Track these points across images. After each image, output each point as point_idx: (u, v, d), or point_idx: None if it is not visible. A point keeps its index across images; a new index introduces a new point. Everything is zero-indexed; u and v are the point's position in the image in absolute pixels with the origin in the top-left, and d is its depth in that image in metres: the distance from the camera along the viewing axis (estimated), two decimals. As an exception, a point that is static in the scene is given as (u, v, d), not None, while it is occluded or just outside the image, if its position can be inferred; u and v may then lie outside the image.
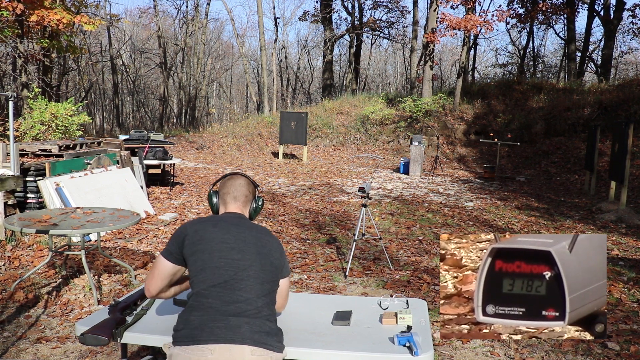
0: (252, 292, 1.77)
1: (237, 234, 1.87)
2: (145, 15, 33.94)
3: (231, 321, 1.69)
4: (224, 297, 1.73)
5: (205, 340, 1.65)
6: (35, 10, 12.02)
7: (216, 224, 1.90)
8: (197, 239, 1.83)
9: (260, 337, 1.69)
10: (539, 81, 19.50)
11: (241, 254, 1.82)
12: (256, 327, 1.71)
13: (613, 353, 3.09)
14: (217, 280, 1.76)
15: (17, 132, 8.62)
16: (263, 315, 1.76)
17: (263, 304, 1.79)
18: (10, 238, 4.81)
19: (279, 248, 1.95)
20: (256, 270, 1.81)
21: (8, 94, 4.86)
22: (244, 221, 1.97)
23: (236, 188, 2.06)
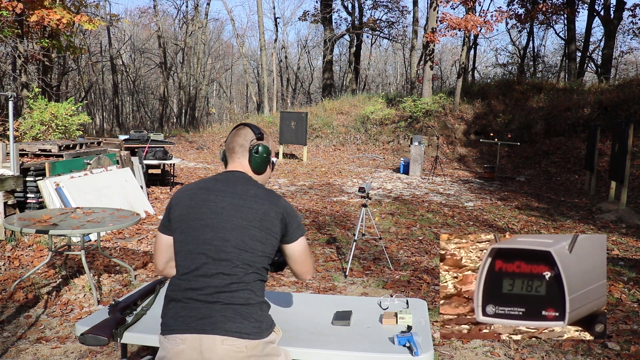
0: (226, 275, 1.63)
1: (215, 205, 1.70)
2: (145, 15, 33.97)
3: (202, 309, 1.60)
4: (195, 283, 1.64)
5: (177, 330, 1.60)
6: (35, 10, 12.02)
7: (196, 193, 1.75)
8: (176, 215, 1.74)
9: (233, 326, 1.59)
10: (539, 81, 19.50)
11: (215, 231, 1.67)
12: (230, 313, 1.60)
13: (613, 353, 3.09)
14: (189, 265, 1.67)
15: (17, 132, 8.62)
16: (239, 299, 1.63)
17: (240, 287, 1.64)
18: (10, 238, 4.81)
19: (275, 211, 1.71)
20: (234, 246, 1.65)
21: (8, 94, 4.86)
22: (233, 183, 1.77)
23: (232, 139, 1.87)
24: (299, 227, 1.79)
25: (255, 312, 1.65)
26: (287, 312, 2.28)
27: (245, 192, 1.73)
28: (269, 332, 1.68)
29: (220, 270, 1.64)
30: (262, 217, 1.69)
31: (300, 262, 1.82)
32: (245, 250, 1.66)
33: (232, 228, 1.67)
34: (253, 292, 1.67)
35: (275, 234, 1.72)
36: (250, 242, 1.67)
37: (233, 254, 1.66)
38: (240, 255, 1.66)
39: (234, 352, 1.58)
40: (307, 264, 1.85)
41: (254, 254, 1.67)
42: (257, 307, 1.67)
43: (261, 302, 1.70)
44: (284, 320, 2.16)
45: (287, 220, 1.75)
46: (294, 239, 1.78)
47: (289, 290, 4.17)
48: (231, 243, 1.66)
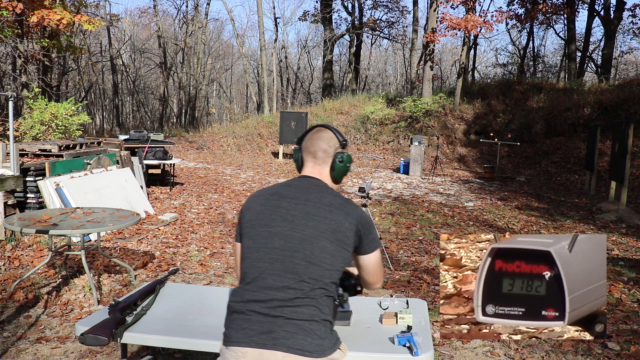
0: (291, 289, 1.56)
1: (287, 212, 1.63)
2: (145, 15, 33.97)
3: (264, 323, 1.55)
4: (259, 295, 1.58)
5: (238, 342, 1.56)
6: (35, 10, 12.03)
7: (267, 199, 1.68)
8: (246, 221, 1.68)
9: (295, 342, 1.52)
10: (539, 81, 19.50)
11: (284, 240, 1.60)
12: (292, 329, 1.54)
13: (613, 353, 3.09)
14: (254, 274, 1.61)
15: (17, 132, 8.62)
16: (303, 314, 1.55)
17: (305, 302, 1.56)
18: (10, 238, 4.81)
19: (349, 222, 1.62)
20: (302, 258, 1.58)
21: (8, 94, 4.87)
22: (308, 190, 1.68)
23: (314, 142, 1.75)
24: (374, 239, 1.71)
25: (319, 328, 1.57)
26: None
27: (319, 200, 1.65)
28: (332, 350, 1.60)
29: (286, 284, 1.58)
30: (335, 228, 1.61)
31: (372, 274, 1.78)
32: (313, 263, 1.59)
33: (302, 238, 1.60)
34: (318, 309, 1.59)
35: (348, 247, 1.64)
36: (320, 254, 1.59)
37: (301, 266, 1.58)
38: (308, 268, 1.58)
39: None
40: (378, 275, 1.80)
41: (322, 267, 1.59)
42: (322, 324, 1.59)
43: (326, 320, 1.61)
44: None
45: (361, 232, 1.66)
46: (369, 251, 1.70)
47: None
48: (300, 254, 1.59)
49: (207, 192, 8.99)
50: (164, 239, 5.57)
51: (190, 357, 2.92)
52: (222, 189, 9.50)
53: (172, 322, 2.13)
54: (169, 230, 6.00)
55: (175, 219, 6.63)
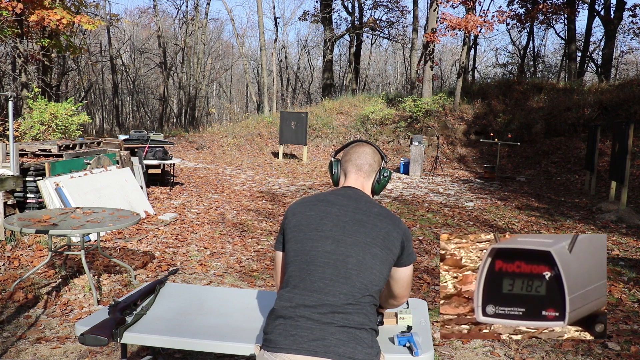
0: (343, 295, 1.55)
1: (337, 218, 1.63)
2: (145, 15, 33.98)
3: (315, 330, 1.52)
4: (308, 299, 1.55)
5: (286, 349, 1.51)
6: (35, 10, 12.03)
7: (316, 204, 1.68)
8: (292, 225, 1.67)
9: (346, 350, 1.50)
10: (539, 81, 19.50)
11: (336, 244, 1.59)
12: (344, 337, 1.51)
13: (613, 353, 3.09)
14: (304, 278, 1.58)
15: (17, 132, 8.62)
16: (354, 322, 1.54)
17: (356, 309, 1.55)
18: (9, 238, 4.81)
19: (397, 232, 1.66)
20: (354, 264, 1.57)
21: (8, 94, 4.86)
22: (356, 199, 1.71)
23: (360, 155, 1.81)
24: (412, 252, 1.76)
25: (367, 337, 1.57)
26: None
27: (368, 209, 1.68)
28: (377, 358, 1.61)
29: (338, 289, 1.56)
30: (385, 235, 1.64)
31: (405, 286, 1.82)
32: (365, 269, 1.59)
33: (354, 243, 1.60)
34: (367, 317, 1.59)
35: (394, 255, 1.67)
36: (372, 260, 1.60)
37: (353, 271, 1.57)
38: (360, 273, 1.58)
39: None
40: (408, 288, 1.86)
41: (373, 274, 1.60)
42: (370, 333, 1.58)
43: (373, 329, 1.62)
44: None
45: (405, 244, 1.70)
46: (407, 263, 1.74)
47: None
48: (353, 259, 1.58)
49: (207, 192, 8.99)
50: (164, 239, 5.57)
51: (190, 357, 2.91)
52: (222, 189, 9.50)
53: (172, 322, 2.13)
54: (169, 230, 6.00)
55: (175, 219, 6.63)
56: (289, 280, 1.63)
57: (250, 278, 4.44)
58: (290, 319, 1.56)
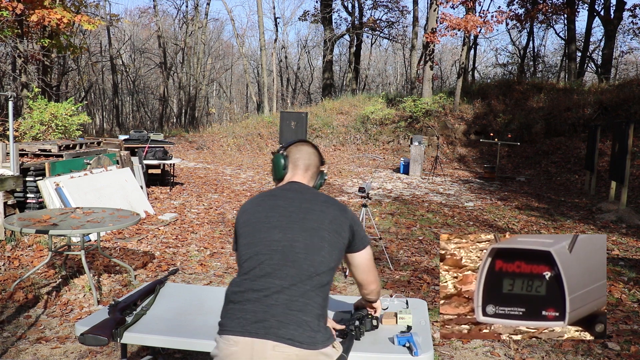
0: (289, 277, 1.60)
1: (284, 209, 1.70)
2: (145, 15, 33.97)
3: (258, 313, 1.58)
4: (256, 284, 1.61)
5: (232, 331, 1.59)
6: (35, 9, 12.03)
7: (263, 200, 1.76)
8: (242, 222, 1.75)
9: (286, 332, 1.55)
10: (539, 81, 19.50)
11: (283, 232, 1.65)
12: (285, 319, 1.56)
13: (613, 353, 3.09)
14: (253, 266, 1.64)
15: (17, 132, 8.62)
16: (298, 305, 1.58)
17: (301, 292, 1.60)
18: (10, 238, 4.81)
19: (345, 217, 1.73)
20: (302, 248, 1.63)
21: (8, 94, 4.86)
22: (301, 192, 1.78)
23: (310, 157, 1.90)
24: (364, 236, 1.82)
25: (312, 321, 1.60)
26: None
27: (315, 198, 1.76)
28: (324, 345, 1.61)
29: (285, 272, 1.61)
30: (332, 220, 1.70)
31: (367, 271, 1.86)
32: (313, 251, 1.64)
33: (301, 229, 1.66)
34: (313, 300, 1.62)
35: (344, 239, 1.72)
36: (320, 243, 1.65)
37: (301, 254, 1.63)
38: (308, 256, 1.63)
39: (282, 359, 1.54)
40: (373, 273, 1.89)
41: (321, 255, 1.65)
42: (315, 317, 1.61)
43: (320, 313, 1.64)
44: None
45: (354, 229, 1.76)
46: (361, 247, 1.80)
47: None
48: (300, 244, 1.64)
49: (207, 192, 8.99)
50: (163, 239, 5.57)
51: (190, 357, 2.91)
52: (222, 189, 9.50)
53: (172, 322, 2.13)
54: (168, 230, 6.00)
55: (175, 219, 6.63)
56: (241, 270, 1.70)
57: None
58: (239, 303, 1.62)
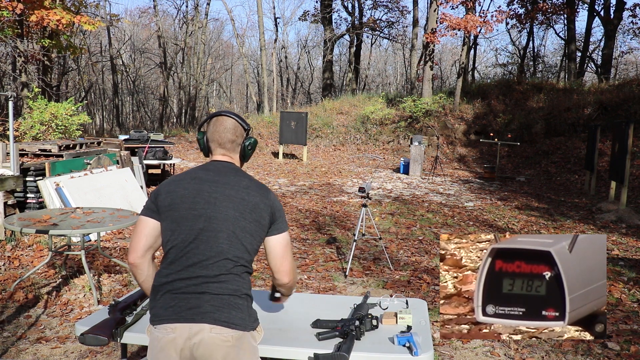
0: (216, 267, 1.65)
1: (208, 195, 1.70)
2: (145, 15, 33.96)
3: (191, 300, 1.62)
4: (184, 274, 1.65)
5: (167, 320, 1.62)
6: (35, 10, 12.02)
7: (189, 182, 1.74)
8: (167, 204, 1.72)
9: (221, 315, 1.62)
10: (539, 81, 19.49)
11: (208, 221, 1.67)
12: (218, 303, 1.63)
13: (613, 353, 3.09)
14: (179, 255, 1.67)
15: (17, 132, 8.62)
16: (228, 290, 1.65)
17: (229, 278, 1.66)
18: (10, 238, 4.81)
19: (265, 204, 1.74)
20: (225, 238, 1.67)
21: (8, 94, 4.87)
22: (225, 174, 1.77)
23: (220, 134, 1.83)
24: (282, 223, 1.81)
25: (242, 303, 1.68)
26: (287, 312, 2.28)
27: (237, 183, 1.75)
28: (253, 326, 1.71)
29: (211, 262, 1.66)
30: (252, 208, 1.72)
31: (279, 258, 1.80)
32: (236, 242, 1.68)
33: (224, 218, 1.69)
34: (241, 284, 1.70)
35: (264, 227, 1.75)
36: (241, 233, 1.69)
37: (224, 245, 1.67)
38: (231, 247, 1.68)
39: (221, 341, 1.61)
40: (287, 262, 1.83)
41: (244, 245, 1.70)
42: (244, 299, 1.70)
43: (247, 295, 1.72)
44: (284, 320, 2.16)
45: (275, 215, 1.77)
46: (275, 232, 1.78)
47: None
48: (223, 234, 1.67)
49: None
50: (164, 239, 5.57)
51: (190, 357, 2.91)
52: (222, 189, 9.49)
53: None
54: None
55: (175, 219, 6.61)
56: (167, 258, 1.71)
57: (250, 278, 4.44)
58: (169, 292, 1.65)
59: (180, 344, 1.60)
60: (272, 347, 1.92)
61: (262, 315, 2.17)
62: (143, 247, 1.75)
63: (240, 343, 1.64)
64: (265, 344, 1.91)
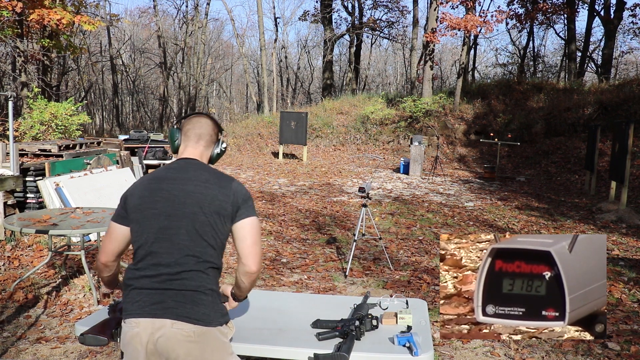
0: (178, 265, 1.66)
1: (168, 193, 1.72)
2: (145, 15, 33.96)
3: (155, 295, 1.66)
4: (149, 271, 1.68)
5: (133, 314, 1.67)
6: (35, 9, 12.03)
7: (150, 183, 1.76)
8: (132, 206, 1.75)
9: (183, 311, 1.63)
10: (539, 81, 19.49)
11: (169, 219, 1.69)
12: (181, 299, 1.65)
13: (613, 353, 3.09)
14: (145, 255, 1.71)
15: (17, 132, 8.62)
16: (190, 285, 1.66)
17: (191, 275, 1.66)
18: (9, 238, 4.81)
19: (224, 194, 1.72)
20: (185, 234, 1.68)
21: (8, 94, 4.87)
22: (186, 170, 1.77)
23: (202, 126, 1.86)
24: (249, 208, 1.76)
25: (206, 299, 1.68)
26: (287, 312, 2.28)
27: (197, 178, 1.74)
28: (219, 322, 1.70)
29: (173, 259, 1.68)
30: (211, 201, 1.70)
31: (247, 240, 1.74)
32: (197, 237, 1.68)
33: (184, 215, 1.69)
34: (204, 280, 1.69)
35: (227, 217, 1.72)
36: (202, 228, 1.68)
37: (186, 241, 1.68)
38: (192, 242, 1.68)
39: (182, 336, 1.62)
40: (256, 247, 1.75)
41: (205, 240, 1.69)
42: (209, 295, 1.69)
43: (213, 290, 1.71)
44: (284, 320, 2.16)
45: (238, 202, 1.73)
46: (242, 217, 1.74)
47: (288, 291, 4.17)
48: (183, 230, 1.68)
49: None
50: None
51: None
52: (222, 189, 9.49)
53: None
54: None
55: (175, 219, 6.62)
56: (136, 257, 1.75)
57: (250, 278, 4.44)
58: (136, 288, 1.70)
59: (145, 338, 1.64)
60: (272, 347, 1.92)
61: (262, 315, 2.18)
62: (113, 250, 1.81)
63: (205, 339, 1.65)
64: (265, 344, 1.91)
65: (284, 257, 5.18)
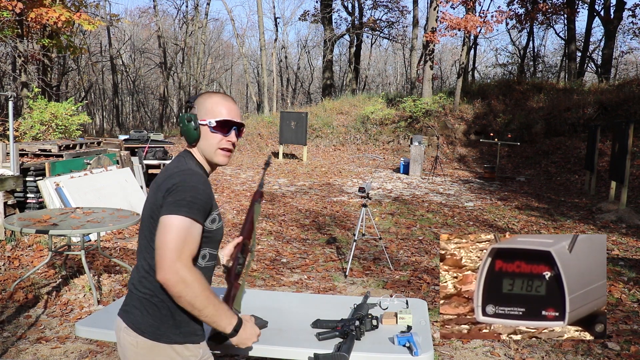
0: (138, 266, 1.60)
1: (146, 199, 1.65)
2: (145, 15, 33.98)
3: (126, 297, 1.65)
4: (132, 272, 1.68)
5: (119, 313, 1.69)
6: (34, 8, 12.03)
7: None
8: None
9: (132, 317, 1.56)
10: (539, 81, 19.50)
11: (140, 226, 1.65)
12: (137, 303, 1.56)
13: (613, 353, 3.09)
14: None
15: (17, 132, 8.62)
16: (142, 292, 1.55)
17: (144, 282, 1.55)
18: (10, 238, 4.81)
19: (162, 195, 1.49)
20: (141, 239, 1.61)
21: (8, 94, 4.87)
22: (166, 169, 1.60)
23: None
24: (173, 204, 1.44)
25: (153, 309, 1.52)
26: (287, 312, 2.28)
27: (158, 179, 1.59)
28: (170, 340, 1.52)
29: (138, 263, 1.64)
30: (151, 205, 1.55)
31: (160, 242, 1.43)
32: (146, 243, 1.57)
33: (143, 217, 1.62)
34: (155, 288, 1.51)
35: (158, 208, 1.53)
36: (148, 234, 1.54)
37: (142, 246, 1.61)
38: (144, 247, 1.58)
39: (129, 343, 1.56)
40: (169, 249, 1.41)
41: (147, 252, 1.55)
42: (160, 307, 1.52)
43: (164, 301, 1.51)
44: (284, 320, 2.16)
45: (169, 191, 1.47)
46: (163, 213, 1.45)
47: (288, 290, 4.17)
48: (141, 235, 1.63)
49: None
50: (164, 239, 5.56)
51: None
52: (222, 189, 9.50)
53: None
54: (169, 230, 5.98)
55: (175, 219, 6.61)
56: None
57: (250, 278, 4.44)
58: None
59: (117, 335, 1.64)
60: (272, 347, 1.92)
61: (262, 315, 2.17)
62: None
63: (154, 355, 1.52)
64: (265, 344, 1.91)
65: (284, 257, 5.18)
